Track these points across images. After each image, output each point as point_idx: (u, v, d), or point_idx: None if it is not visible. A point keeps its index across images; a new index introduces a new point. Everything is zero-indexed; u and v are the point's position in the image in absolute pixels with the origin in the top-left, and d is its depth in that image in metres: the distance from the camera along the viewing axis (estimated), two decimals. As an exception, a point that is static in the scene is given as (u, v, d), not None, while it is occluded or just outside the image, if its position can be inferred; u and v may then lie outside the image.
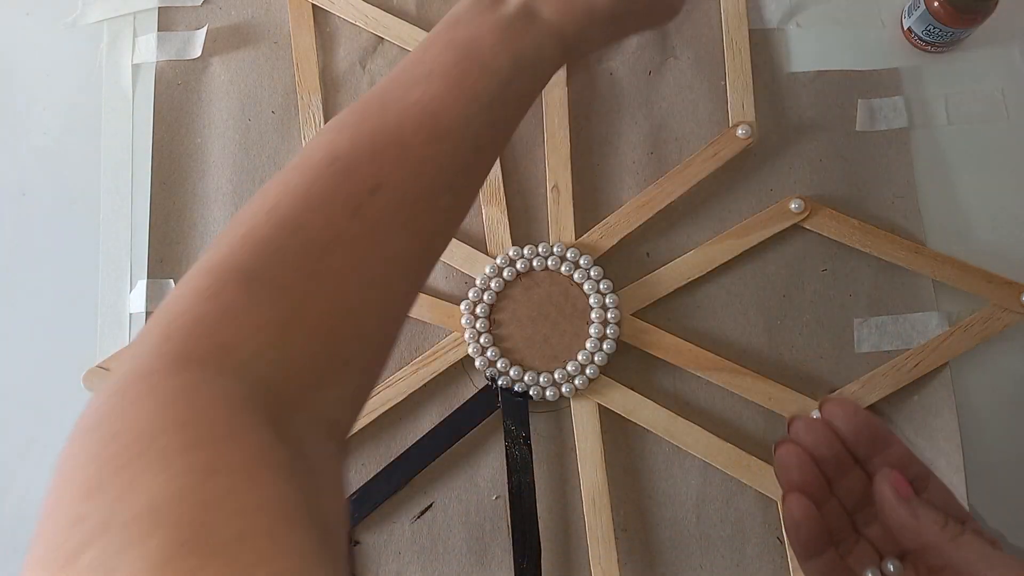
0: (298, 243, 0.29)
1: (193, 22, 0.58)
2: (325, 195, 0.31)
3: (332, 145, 0.32)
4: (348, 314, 0.30)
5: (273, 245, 0.29)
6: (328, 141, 0.32)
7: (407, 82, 0.34)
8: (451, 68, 0.34)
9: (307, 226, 0.30)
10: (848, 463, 0.39)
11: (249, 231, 0.29)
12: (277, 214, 0.30)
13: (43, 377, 0.54)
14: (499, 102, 0.35)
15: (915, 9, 0.53)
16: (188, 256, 0.55)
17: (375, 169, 0.31)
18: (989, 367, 0.51)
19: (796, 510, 0.37)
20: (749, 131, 0.53)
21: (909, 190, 0.53)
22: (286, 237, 0.29)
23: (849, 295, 0.52)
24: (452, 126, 0.33)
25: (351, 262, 0.30)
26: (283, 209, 0.30)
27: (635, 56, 0.56)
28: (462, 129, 0.34)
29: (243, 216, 0.31)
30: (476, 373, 0.52)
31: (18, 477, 0.53)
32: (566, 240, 0.53)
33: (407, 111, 0.33)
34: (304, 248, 0.29)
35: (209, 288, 0.28)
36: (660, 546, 0.50)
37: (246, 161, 0.56)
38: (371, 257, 0.31)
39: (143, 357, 0.27)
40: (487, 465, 0.51)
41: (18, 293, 0.55)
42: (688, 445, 0.50)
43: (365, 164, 0.31)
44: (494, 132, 0.36)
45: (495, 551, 0.50)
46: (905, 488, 0.36)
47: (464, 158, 0.34)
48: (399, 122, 0.33)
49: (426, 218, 0.33)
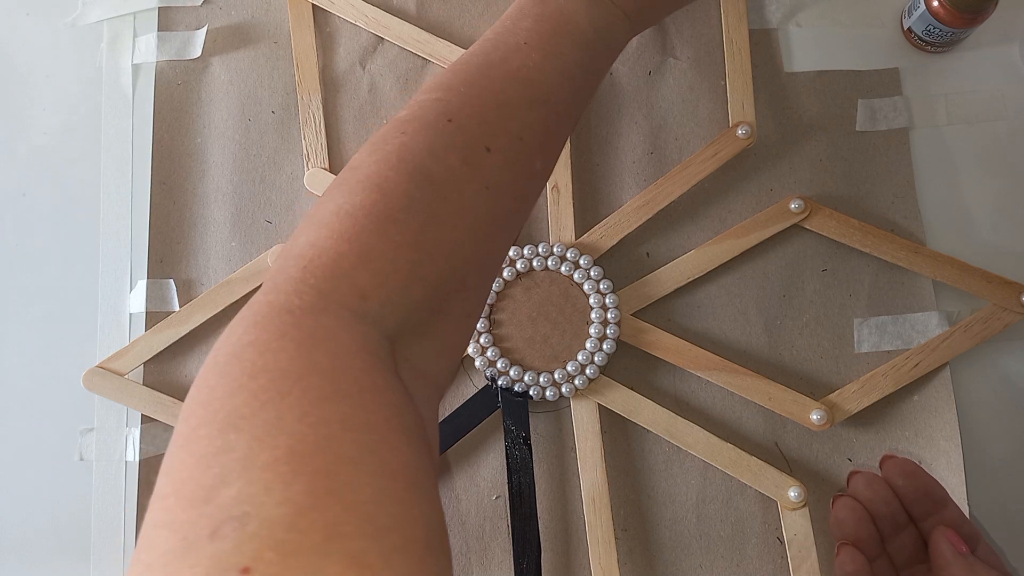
0: (424, 190, 0.31)
1: (193, 22, 0.58)
2: (446, 147, 0.32)
3: (444, 104, 0.34)
4: (459, 265, 0.32)
5: (401, 189, 0.31)
6: (437, 99, 0.34)
7: (505, 50, 0.36)
8: (546, 39, 0.36)
9: (431, 174, 0.31)
10: (903, 521, 0.40)
11: (378, 177, 0.31)
12: (403, 162, 0.31)
13: (43, 377, 0.54)
14: (584, 73, 0.37)
15: (915, 9, 0.53)
16: (188, 256, 0.55)
17: (486, 129, 0.33)
18: (989, 367, 0.51)
19: (849, 564, 0.39)
20: (749, 131, 0.53)
21: (909, 190, 0.53)
22: (414, 184, 0.31)
23: (849, 295, 0.52)
24: (548, 93, 0.35)
25: (468, 210, 0.32)
26: (409, 157, 0.31)
27: (635, 56, 0.56)
28: (555, 96, 0.36)
29: (364, 160, 0.32)
30: (476, 373, 0.52)
31: (18, 477, 0.53)
32: (566, 240, 0.53)
33: (509, 77, 0.35)
34: (430, 194, 0.31)
35: (349, 230, 0.29)
36: (660, 546, 0.50)
37: (246, 161, 0.56)
38: (483, 211, 0.32)
39: (284, 291, 0.28)
40: (487, 465, 0.51)
41: (18, 293, 0.55)
42: (688, 445, 0.50)
43: (476, 125, 0.33)
44: (578, 100, 0.38)
45: (495, 551, 0.50)
46: (962, 545, 0.38)
47: (556, 124, 0.36)
48: (503, 88, 0.35)
49: (524, 180, 0.35)
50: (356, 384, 0.25)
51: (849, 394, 0.50)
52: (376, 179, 0.31)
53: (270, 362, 0.25)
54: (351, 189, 0.31)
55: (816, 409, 0.49)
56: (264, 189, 0.55)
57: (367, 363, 0.27)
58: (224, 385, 0.25)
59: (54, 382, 0.54)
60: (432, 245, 0.31)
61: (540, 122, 0.35)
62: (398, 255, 0.30)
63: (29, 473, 0.53)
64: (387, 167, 0.31)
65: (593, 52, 0.38)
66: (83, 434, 0.53)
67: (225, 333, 0.28)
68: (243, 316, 0.28)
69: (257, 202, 0.55)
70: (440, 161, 0.32)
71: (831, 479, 0.50)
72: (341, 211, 0.30)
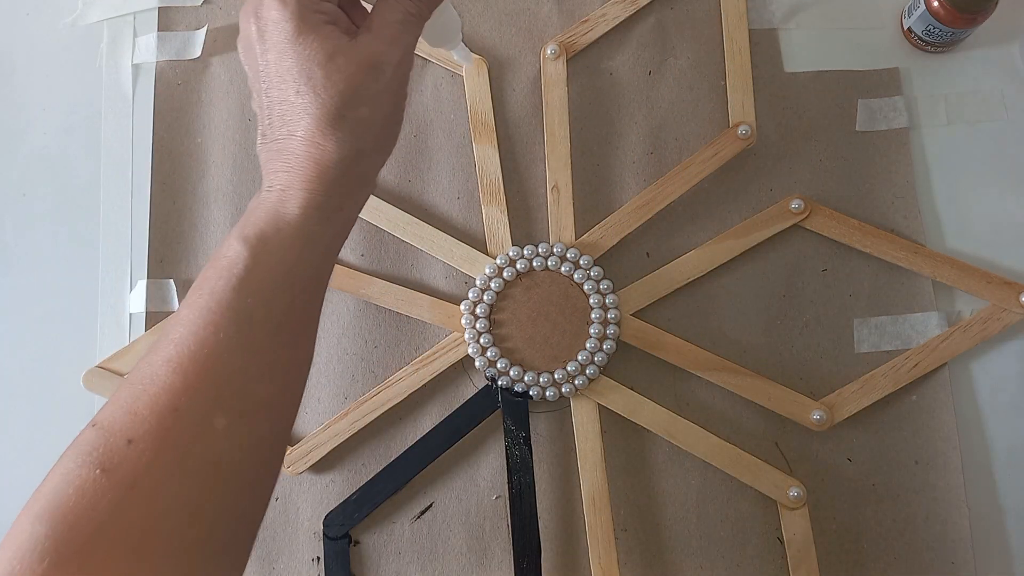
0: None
1: (193, 22, 0.58)
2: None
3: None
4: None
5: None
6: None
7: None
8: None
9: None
10: None
11: (6, 544, 0.30)
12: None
13: (43, 377, 0.54)
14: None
15: (915, 9, 0.53)
16: (188, 256, 0.55)
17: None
18: (988, 367, 0.51)
19: None
20: (749, 131, 0.53)
21: (909, 190, 0.53)
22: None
23: (849, 295, 0.52)
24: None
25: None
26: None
27: (635, 56, 0.56)
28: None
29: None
30: (476, 373, 0.52)
31: (18, 476, 0.53)
32: (566, 240, 0.53)
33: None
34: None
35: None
36: (660, 546, 0.50)
37: (246, 161, 0.56)
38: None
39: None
40: (487, 465, 0.51)
41: (18, 293, 0.55)
42: (688, 445, 0.50)
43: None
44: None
45: (495, 551, 0.50)
46: None
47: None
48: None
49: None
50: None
51: (849, 394, 0.50)
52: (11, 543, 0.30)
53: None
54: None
55: (816, 409, 0.49)
56: (264, 189, 0.55)
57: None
58: None
59: (54, 382, 0.54)
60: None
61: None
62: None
63: (29, 473, 0.53)
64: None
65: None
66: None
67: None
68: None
69: (257, 202, 0.55)
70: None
71: (831, 479, 0.50)
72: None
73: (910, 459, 0.50)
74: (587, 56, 0.56)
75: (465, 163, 0.55)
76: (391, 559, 0.51)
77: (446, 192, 0.55)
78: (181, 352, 0.31)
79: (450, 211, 0.55)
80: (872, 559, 0.49)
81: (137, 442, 0.30)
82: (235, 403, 0.32)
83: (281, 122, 0.34)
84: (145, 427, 0.30)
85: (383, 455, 0.52)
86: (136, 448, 0.30)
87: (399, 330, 0.53)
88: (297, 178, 0.34)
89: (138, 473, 0.30)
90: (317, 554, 0.51)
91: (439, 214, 0.55)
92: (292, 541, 0.51)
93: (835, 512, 0.50)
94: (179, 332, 0.32)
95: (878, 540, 0.49)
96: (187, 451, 0.31)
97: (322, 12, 0.34)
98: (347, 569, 0.50)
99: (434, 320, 0.52)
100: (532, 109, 0.55)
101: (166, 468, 0.30)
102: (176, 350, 0.32)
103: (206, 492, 0.31)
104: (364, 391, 0.52)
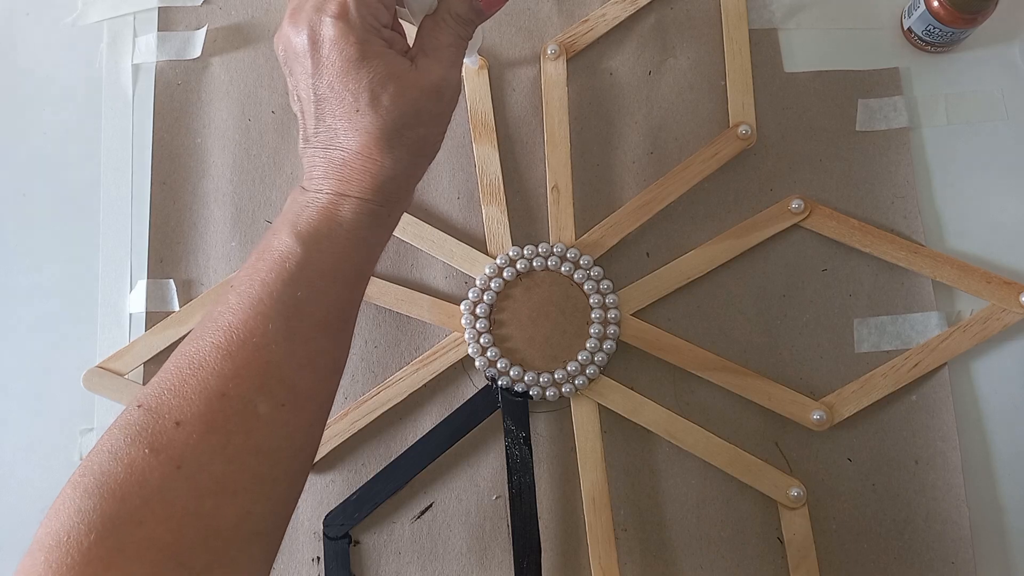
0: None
1: (193, 22, 0.58)
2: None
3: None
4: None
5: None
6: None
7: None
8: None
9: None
10: None
11: (53, 516, 0.31)
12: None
13: (43, 377, 0.54)
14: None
15: (915, 9, 0.53)
16: (188, 256, 0.55)
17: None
18: (988, 367, 0.51)
19: None
20: (749, 131, 0.53)
21: (909, 190, 0.53)
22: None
23: (849, 295, 0.52)
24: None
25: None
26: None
27: (635, 56, 0.56)
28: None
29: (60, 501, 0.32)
30: (476, 373, 0.52)
31: (18, 476, 0.53)
32: (566, 240, 0.53)
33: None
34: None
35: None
36: (660, 546, 0.50)
37: (246, 161, 0.56)
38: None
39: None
40: (487, 465, 0.51)
41: (18, 293, 0.55)
42: (688, 445, 0.50)
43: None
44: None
45: (495, 551, 0.50)
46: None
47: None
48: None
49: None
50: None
51: (849, 394, 0.50)
52: (56, 511, 0.31)
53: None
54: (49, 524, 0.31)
55: (816, 409, 0.49)
56: (264, 189, 0.55)
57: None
58: None
59: (54, 382, 0.54)
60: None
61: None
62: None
63: (29, 473, 0.53)
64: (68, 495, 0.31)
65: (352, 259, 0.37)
66: (83, 434, 0.53)
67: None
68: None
69: (257, 202, 0.55)
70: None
71: (831, 479, 0.50)
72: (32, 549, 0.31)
73: (910, 459, 0.50)
74: (587, 56, 0.56)
75: (465, 163, 0.55)
76: (391, 559, 0.51)
77: (446, 192, 0.55)
78: (231, 339, 0.33)
79: (450, 211, 0.55)
80: (872, 559, 0.49)
81: (185, 424, 0.31)
82: (278, 392, 0.33)
83: (333, 134, 0.36)
84: (193, 410, 0.32)
85: (383, 455, 0.52)
86: (184, 430, 0.31)
87: (399, 330, 0.53)
88: (353, 188, 0.36)
89: (185, 454, 0.31)
90: (317, 554, 0.51)
91: (439, 214, 0.55)
92: (292, 541, 0.51)
93: (835, 512, 0.50)
94: (228, 320, 0.34)
95: (878, 540, 0.49)
96: (230, 435, 0.32)
97: (384, 39, 0.36)
98: (347, 569, 0.50)
99: (434, 320, 0.52)
100: (532, 109, 0.55)
101: (210, 450, 0.32)
102: (225, 337, 0.33)
103: (245, 476, 0.32)
104: (364, 391, 0.52)
